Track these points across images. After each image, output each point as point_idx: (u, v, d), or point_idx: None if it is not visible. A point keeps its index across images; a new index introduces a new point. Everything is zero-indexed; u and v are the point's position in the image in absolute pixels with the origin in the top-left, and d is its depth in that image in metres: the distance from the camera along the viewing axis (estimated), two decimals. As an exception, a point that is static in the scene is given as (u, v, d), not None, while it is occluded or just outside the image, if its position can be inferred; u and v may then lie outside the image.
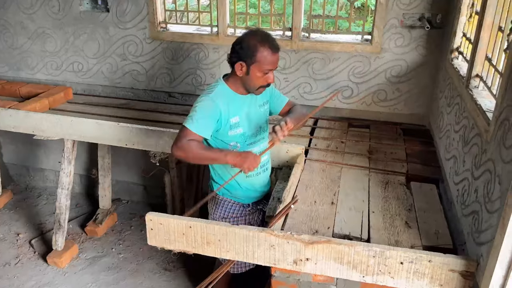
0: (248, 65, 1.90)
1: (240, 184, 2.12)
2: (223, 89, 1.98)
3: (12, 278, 3.00)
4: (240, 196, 2.16)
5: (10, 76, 3.69)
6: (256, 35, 1.92)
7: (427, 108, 2.86)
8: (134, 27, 3.18)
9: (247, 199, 2.18)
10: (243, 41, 1.89)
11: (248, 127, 2.05)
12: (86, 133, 2.73)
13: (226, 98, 1.96)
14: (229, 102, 1.97)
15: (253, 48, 1.87)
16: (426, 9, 2.63)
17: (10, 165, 4.15)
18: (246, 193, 2.16)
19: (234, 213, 2.16)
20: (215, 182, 2.15)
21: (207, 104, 1.91)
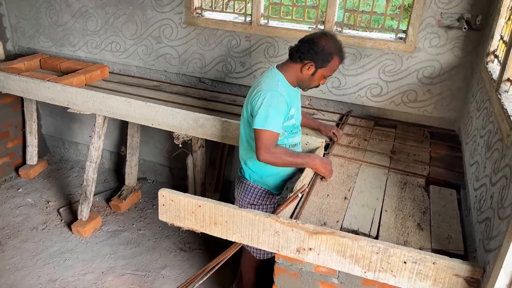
0: (317, 68, 1.98)
1: (273, 173, 2.15)
2: (283, 81, 2.03)
3: (38, 242, 3.18)
4: (270, 184, 2.19)
5: (53, 51, 3.88)
6: (334, 42, 1.99)
7: (458, 113, 2.76)
8: (171, 11, 3.25)
9: (277, 188, 2.21)
10: (320, 44, 1.95)
11: (297, 117, 2.15)
12: (116, 110, 2.84)
13: (287, 90, 2.02)
14: (289, 95, 2.03)
15: (329, 56, 1.96)
16: (466, 9, 2.53)
17: (47, 136, 4.37)
18: (276, 182, 2.19)
19: (262, 200, 2.20)
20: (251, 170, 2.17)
21: (279, 101, 1.95)
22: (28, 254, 3.05)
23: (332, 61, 1.97)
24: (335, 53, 1.97)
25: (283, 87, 2.00)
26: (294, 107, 2.07)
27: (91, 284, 2.82)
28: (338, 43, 2.00)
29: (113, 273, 2.91)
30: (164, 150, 3.78)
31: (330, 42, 1.97)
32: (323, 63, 1.97)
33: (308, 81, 2.04)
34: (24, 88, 3.11)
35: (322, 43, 1.95)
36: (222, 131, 2.57)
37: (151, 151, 3.88)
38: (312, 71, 1.99)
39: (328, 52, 1.95)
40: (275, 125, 1.92)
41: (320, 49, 1.95)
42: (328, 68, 1.99)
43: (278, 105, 1.94)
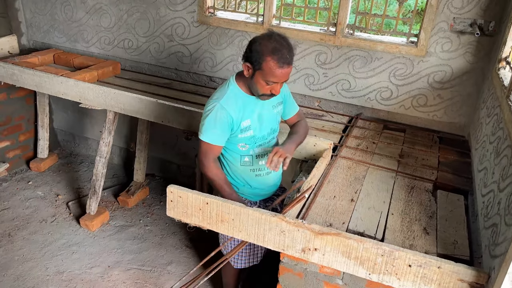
0: (254, 69, 1.84)
1: (248, 182, 2.15)
2: (234, 91, 1.95)
3: (46, 234, 3.23)
4: (247, 193, 2.19)
5: (67, 47, 3.93)
6: (269, 41, 1.79)
7: (468, 118, 2.75)
8: (183, 9, 3.28)
9: (255, 196, 2.21)
10: (255, 43, 1.82)
11: (259, 129, 2.03)
12: (126, 106, 2.87)
13: (237, 102, 1.94)
14: (241, 106, 1.95)
15: (261, 56, 1.78)
16: (479, 15, 2.52)
17: (59, 130, 4.43)
18: (254, 191, 2.20)
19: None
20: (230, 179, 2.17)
21: (219, 114, 1.90)
22: (37, 246, 3.10)
23: (265, 63, 1.77)
24: (268, 54, 1.76)
25: (231, 99, 1.92)
26: (250, 118, 1.97)
27: (98, 277, 2.86)
28: (275, 43, 1.78)
29: (119, 267, 2.95)
30: (173, 147, 3.80)
31: (265, 42, 1.78)
32: (258, 64, 1.79)
33: (252, 85, 1.89)
34: (38, 82, 3.15)
35: (257, 43, 1.80)
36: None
37: (160, 148, 3.92)
38: (251, 74, 1.85)
39: (260, 51, 1.77)
40: (210, 137, 1.93)
41: (254, 49, 1.80)
42: (264, 70, 1.79)
43: (215, 118, 1.90)
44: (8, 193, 3.69)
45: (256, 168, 2.12)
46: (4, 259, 2.95)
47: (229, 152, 2.09)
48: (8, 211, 3.46)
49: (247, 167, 2.10)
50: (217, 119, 1.91)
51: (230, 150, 2.08)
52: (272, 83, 1.84)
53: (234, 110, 1.93)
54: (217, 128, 1.93)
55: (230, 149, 2.07)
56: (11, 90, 3.77)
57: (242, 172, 2.11)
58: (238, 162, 2.09)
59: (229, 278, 2.52)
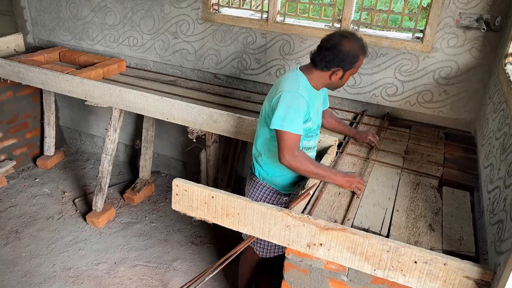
0: (345, 71, 1.99)
1: (287, 174, 2.15)
2: (305, 83, 2.03)
3: (53, 231, 3.25)
4: (278, 183, 2.19)
5: (72, 44, 3.95)
6: (356, 41, 1.97)
7: (474, 114, 2.73)
8: (188, 6, 3.28)
9: (284, 188, 2.21)
10: (344, 50, 1.93)
11: (315, 121, 2.13)
12: (132, 104, 2.88)
13: (309, 94, 2.02)
14: (311, 98, 2.03)
15: (356, 58, 1.96)
16: (485, 10, 2.50)
17: (65, 128, 4.45)
18: (284, 182, 2.20)
19: (269, 199, 2.21)
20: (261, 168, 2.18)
21: (299, 102, 1.94)
22: (44, 243, 3.12)
23: (359, 61, 2.00)
24: (360, 54, 1.98)
25: (305, 89, 2.00)
26: (313, 110, 2.07)
27: (104, 273, 2.88)
28: (360, 42, 1.99)
29: (125, 264, 2.97)
30: (178, 144, 3.82)
31: (353, 44, 1.96)
32: (351, 65, 1.98)
33: (338, 83, 2.07)
34: (44, 80, 3.17)
35: (346, 48, 1.94)
36: (236, 127, 2.59)
37: (165, 145, 3.93)
38: (341, 75, 2.01)
39: (353, 55, 1.96)
40: (295, 127, 1.90)
41: (345, 55, 1.95)
42: (355, 67, 2.01)
43: (298, 107, 1.92)
44: (15, 190, 3.72)
45: None
46: (11, 256, 2.98)
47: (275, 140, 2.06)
48: (15, 208, 3.49)
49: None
50: (299, 108, 1.93)
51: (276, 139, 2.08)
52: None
53: (309, 99, 2.00)
54: (299, 117, 1.94)
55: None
56: (17, 88, 3.79)
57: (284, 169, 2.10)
58: None
59: (246, 271, 2.53)
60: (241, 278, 2.59)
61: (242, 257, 2.51)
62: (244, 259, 2.51)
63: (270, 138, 2.10)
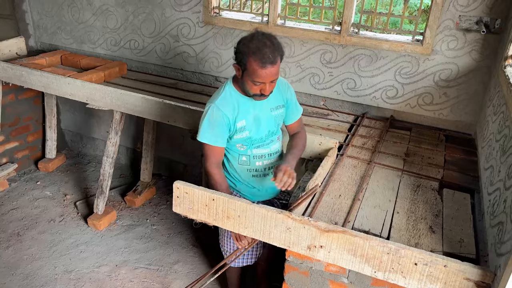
0: (241, 70, 1.84)
1: (244, 180, 2.16)
2: (230, 92, 1.97)
3: (54, 233, 3.26)
4: (246, 192, 2.20)
5: (74, 48, 3.97)
6: (252, 41, 1.77)
7: (475, 117, 2.74)
8: (189, 10, 3.30)
9: (252, 196, 2.21)
10: (239, 44, 1.82)
11: (256, 130, 2.03)
12: (133, 107, 2.89)
13: (232, 102, 1.95)
14: (235, 106, 1.95)
15: (244, 56, 1.77)
16: (485, 12, 2.51)
17: (66, 131, 4.47)
18: (252, 190, 2.20)
19: None
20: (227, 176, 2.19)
21: (215, 115, 1.93)
22: (45, 245, 3.13)
23: (249, 63, 1.76)
24: (250, 55, 1.74)
25: (227, 100, 1.93)
26: (245, 119, 1.97)
27: (105, 276, 2.88)
28: (257, 43, 1.75)
29: (126, 266, 2.97)
30: (179, 146, 3.82)
31: (248, 43, 1.77)
32: (243, 65, 1.79)
33: (243, 85, 1.88)
34: (45, 83, 3.19)
35: (242, 42, 1.80)
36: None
37: (166, 148, 3.94)
38: (240, 74, 1.85)
39: (244, 52, 1.77)
40: (208, 138, 1.95)
41: (239, 50, 1.80)
42: (248, 70, 1.78)
43: (211, 119, 1.93)
44: (17, 193, 3.73)
45: (253, 169, 2.14)
46: (13, 259, 2.99)
47: (229, 150, 2.12)
48: (17, 211, 3.50)
49: (244, 167, 2.13)
50: (213, 119, 1.94)
51: (229, 149, 2.11)
52: (259, 83, 1.81)
53: (229, 110, 1.95)
54: (214, 129, 1.94)
55: (229, 148, 2.10)
56: (19, 91, 3.81)
57: (240, 171, 2.14)
58: (236, 161, 2.12)
59: (232, 278, 2.56)
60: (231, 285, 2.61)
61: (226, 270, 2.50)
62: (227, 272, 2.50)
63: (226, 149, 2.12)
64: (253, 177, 2.15)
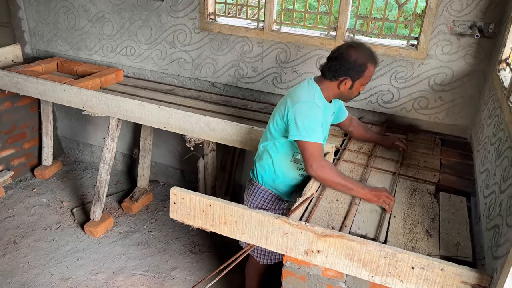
0: (353, 81, 1.98)
1: (288, 179, 2.16)
2: (320, 93, 2.04)
3: (51, 241, 3.25)
4: (281, 189, 2.20)
5: (70, 55, 3.97)
6: (364, 50, 1.98)
7: (470, 120, 2.75)
8: (185, 16, 3.31)
9: (287, 195, 2.22)
10: (351, 58, 1.94)
11: (323, 134, 2.10)
12: (129, 113, 2.89)
13: (323, 104, 2.04)
14: (324, 108, 2.05)
15: (363, 66, 1.95)
16: (479, 17, 2.53)
17: (63, 138, 4.46)
18: (287, 189, 2.20)
19: (271, 205, 2.21)
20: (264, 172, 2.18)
21: (317, 112, 1.98)
22: (42, 253, 3.11)
23: (367, 70, 1.98)
24: (368, 62, 1.97)
25: (320, 100, 2.03)
26: (323, 122, 2.07)
27: (102, 283, 2.87)
28: (367, 50, 1.99)
29: (123, 273, 2.96)
30: (176, 153, 3.83)
31: (359, 52, 1.96)
32: (359, 74, 1.97)
33: (348, 94, 2.06)
34: (42, 91, 3.19)
35: (352, 57, 1.94)
36: (233, 135, 2.61)
37: (163, 154, 3.94)
38: (350, 85, 2.00)
39: (360, 63, 1.95)
40: (316, 136, 1.93)
41: (352, 64, 1.95)
42: (365, 77, 1.99)
43: (317, 116, 1.96)
44: (13, 201, 3.72)
45: (302, 168, 2.12)
46: (9, 266, 2.97)
47: (284, 145, 2.10)
48: (13, 218, 3.49)
49: (296, 165, 2.13)
50: (318, 117, 1.97)
51: (286, 144, 2.09)
52: (367, 83, 2.06)
53: (323, 109, 2.03)
54: (319, 126, 1.98)
55: (286, 145, 2.09)
56: (15, 98, 3.81)
57: (289, 168, 2.13)
58: (289, 158, 2.12)
59: (254, 280, 2.52)
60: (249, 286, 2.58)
61: (248, 267, 2.51)
62: (250, 269, 2.50)
63: (275, 144, 2.12)
64: (299, 176, 2.16)
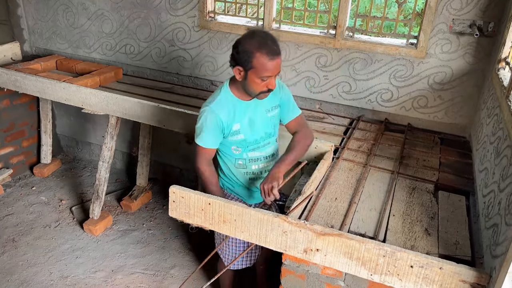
0: (245, 71, 1.83)
1: (241, 183, 2.17)
2: (225, 96, 1.97)
3: (50, 239, 3.24)
4: (242, 194, 2.20)
5: (69, 53, 3.96)
6: (253, 38, 1.81)
7: (469, 119, 2.76)
8: (184, 14, 3.31)
9: (248, 198, 2.22)
10: (239, 45, 1.82)
11: (251, 133, 2.04)
12: (128, 111, 2.89)
13: (227, 106, 1.96)
14: (231, 110, 1.96)
15: (249, 54, 1.78)
16: (478, 16, 2.53)
17: (62, 136, 4.45)
18: (248, 193, 2.20)
19: None
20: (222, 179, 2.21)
21: (209, 118, 1.95)
22: (41, 251, 3.11)
23: (255, 59, 1.78)
24: (256, 50, 1.77)
25: (222, 103, 1.94)
26: (239, 122, 1.98)
27: (101, 281, 2.87)
28: (259, 38, 1.80)
29: (122, 272, 2.96)
30: (178, 153, 3.82)
31: (249, 40, 1.80)
32: (248, 63, 1.80)
33: (247, 86, 1.88)
34: (41, 88, 3.18)
35: (242, 44, 1.81)
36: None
37: (162, 153, 3.93)
38: (243, 75, 1.85)
39: (247, 50, 1.78)
40: (202, 140, 1.99)
41: (241, 50, 1.80)
42: (256, 67, 1.79)
43: (207, 123, 1.95)
44: (12, 199, 3.71)
45: (249, 172, 2.14)
46: (8, 265, 2.97)
47: (225, 154, 2.12)
48: (12, 216, 3.48)
49: (241, 170, 2.14)
50: (207, 122, 1.96)
51: (226, 153, 2.11)
52: (266, 78, 1.83)
53: (224, 113, 1.96)
54: (209, 132, 1.97)
55: (225, 151, 2.11)
56: (14, 96, 3.80)
57: (237, 174, 2.15)
58: (233, 165, 2.13)
59: (225, 280, 2.54)
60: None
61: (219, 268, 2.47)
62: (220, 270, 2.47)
63: (219, 152, 2.14)
64: (250, 180, 2.16)
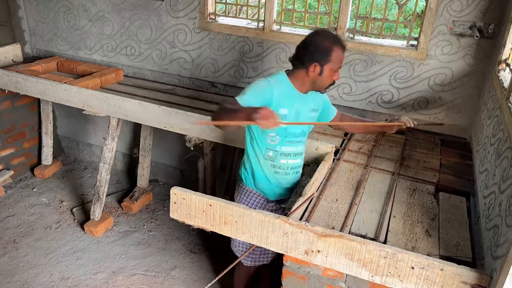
0: (322, 65, 1.95)
1: (268, 177, 2.17)
2: (282, 79, 2.04)
3: (51, 240, 3.25)
4: (265, 189, 2.20)
5: (70, 54, 3.97)
6: (327, 36, 1.97)
7: (470, 121, 2.76)
8: (185, 16, 3.31)
9: (271, 194, 2.22)
10: (314, 42, 1.95)
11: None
12: (129, 113, 2.89)
13: (282, 87, 2.02)
14: (284, 92, 2.02)
15: (328, 49, 1.93)
16: (478, 17, 2.54)
17: (62, 137, 4.46)
18: (271, 187, 2.20)
19: (256, 205, 2.21)
20: (246, 172, 2.21)
21: (262, 84, 1.99)
22: (42, 252, 3.11)
23: (334, 53, 1.93)
24: (333, 44, 1.93)
25: (279, 82, 2.01)
26: (288, 108, 2.02)
27: (102, 283, 2.87)
28: (331, 34, 1.98)
29: (123, 273, 2.96)
30: (178, 154, 3.83)
31: (323, 37, 1.95)
32: (325, 58, 1.93)
33: (320, 81, 2.00)
34: (42, 90, 3.19)
35: (316, 41, 1.95)
36: (233, 135, 2.61)
37: (163, 154, 3.94)
38: (319, 71, 1.96)
39: (325, 46, 1.93)
40: (243, 99, 1.92)
41: (315, 47, 1.94)
42: (333, 61, 1.95)
43: (258, 86, 1.97)
44: (13, 200, 3.72)
45: (276, 165, 2.13)
46: (9, 266, 2.97)
47: (258, 142, 2.11)
48: (13, 218, 3.49)
49: (269, 162, 2.13)
50: (258, 86, 1.98)
51: (259, 141, 2.10)
52: (338, 69, 2.00)
53: (278, 89, 1.99)
54: (252, 93, 1.95)
55: (259, 139, 2.10)
56: (15, 98, 3.81)
57: (264, 165, 2.14)
58: (262, 155, 2.12)
59: (239, 277, 2.52)
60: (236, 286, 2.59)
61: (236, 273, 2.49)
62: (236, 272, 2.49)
63: (251, 142, 2.13)
64: (275, 174, 2.16)
